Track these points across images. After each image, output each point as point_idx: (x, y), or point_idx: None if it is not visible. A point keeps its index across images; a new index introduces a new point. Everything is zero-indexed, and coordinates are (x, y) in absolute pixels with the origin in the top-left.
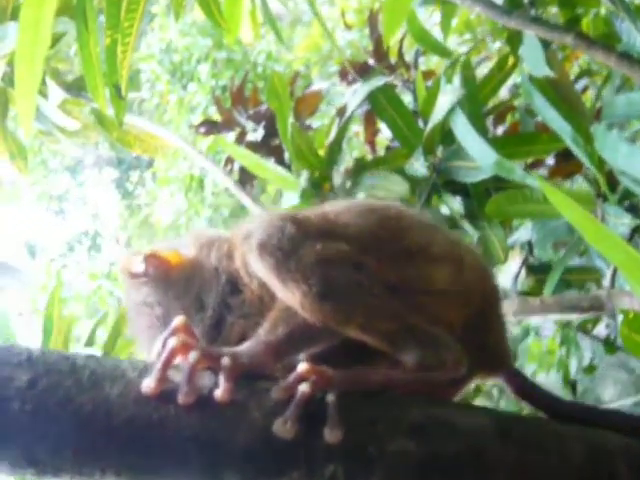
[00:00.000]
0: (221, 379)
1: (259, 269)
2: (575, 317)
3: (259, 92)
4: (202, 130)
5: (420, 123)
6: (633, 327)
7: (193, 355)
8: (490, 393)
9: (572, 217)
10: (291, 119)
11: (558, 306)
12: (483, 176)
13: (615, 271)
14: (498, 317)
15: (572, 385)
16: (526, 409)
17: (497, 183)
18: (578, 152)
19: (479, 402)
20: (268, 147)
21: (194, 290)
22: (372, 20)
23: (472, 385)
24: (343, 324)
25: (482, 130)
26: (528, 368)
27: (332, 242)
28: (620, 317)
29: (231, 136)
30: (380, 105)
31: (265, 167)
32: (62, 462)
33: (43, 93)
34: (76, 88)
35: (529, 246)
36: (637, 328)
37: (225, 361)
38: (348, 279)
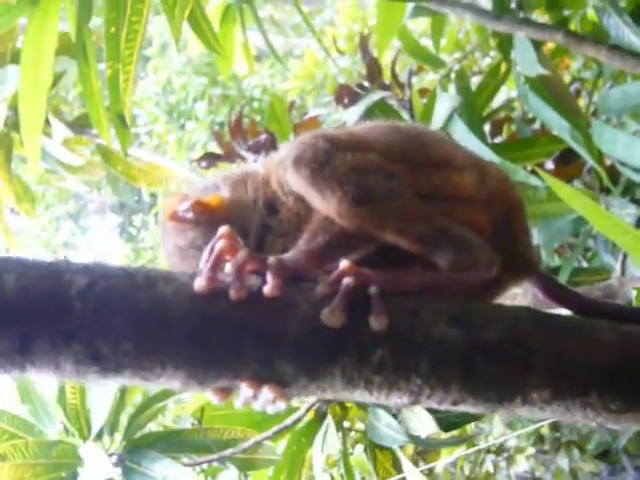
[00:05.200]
0: (269, 276)
1: (295, 183)
2: None
3: (257, 124)
4: (203, 164)
5: None
6: None
7: (241, 254)
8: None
9: (581, 208)
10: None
11: None
12: None
13: (624, 261)
14: (523, 223)
15: None
16: None
17: None
18: (577, 147)
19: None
20: None
21: (237, 225)
22: (363, 43)
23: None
24: (379, 228)
25: (481, 135)
26: None
27: (363, 153)
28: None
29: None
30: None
31: None
32: (123, 357)
33: (46, 132)
34: (78, 126)
35: None
36: None
37: (271, 260)
38: (381, 185)
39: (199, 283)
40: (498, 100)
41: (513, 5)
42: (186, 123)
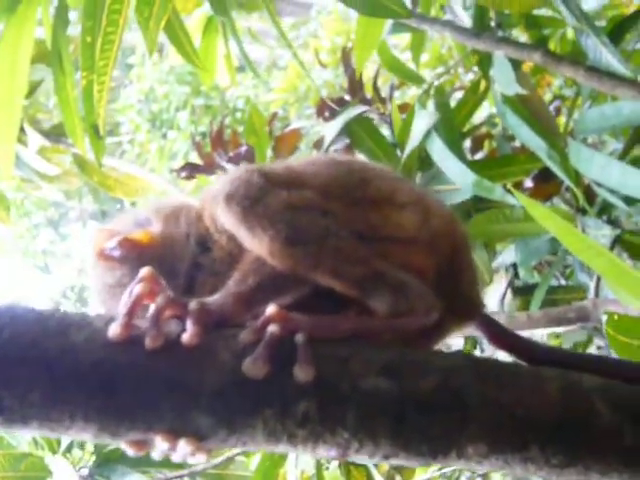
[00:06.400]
0: (189, 323)
1: (227, 220)
2: (563, 330)
3: (238, 135)
4: (183, 174)
5: (398, 153)
6: (618, 329)
7: (160, 299)
8: None
9: (554, 229)
10: (269, 154)
11: (545, 319)
12: (463, 197)
13: (598, 282)
14: (468, 263)
15: None
16: None
17: (477, 205)
18: (554, 167)
19: None
20: None
21: (168, 262)
22: (345, 57)
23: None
24: (312, 269)
25: (459, 153)
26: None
27: (298, 190)
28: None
29: (213, 179)
30: (358, 136)
31: None
32: (29, 408)
33: (22, 141)
34: (55, 135)
35: (514, 269)
36: (622, 329)
37: (192, 305)
38: (316, 224)
39: (114, 330)
40: (480, 116)
41: (493, 23)
42: (168, 132)
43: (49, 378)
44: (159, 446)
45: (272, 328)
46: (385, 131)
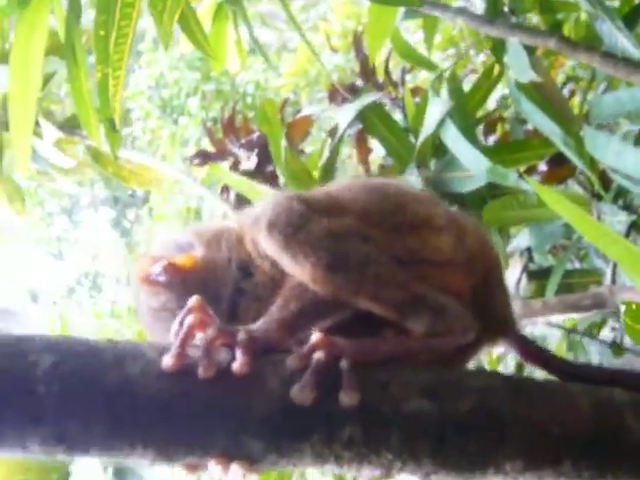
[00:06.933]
0: (238, 353)
1: (269, 247)
2: (578, 316)
3: (249, 121)
4: (196, 161)
5: (411, 139)
6: (636, 318)
7: (210, 330)
8: None
9: (569, 216)
10: (283, 142)
11: (561, 306)
12: (477, 184)
13: (615, 268)
14: (501, 283)
15: None
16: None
17: (492, 191)
18: (569, 154)
19: None
20: (262, 174)
21: (211, 287)
22: (357, 41)
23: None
24: (353, 295)
25: (473, 139)
26: (536, 377)
27: (338, 217)
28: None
29: (225, 166)
30: (371, 123)
31: (261, 193)
32: (91, 438)
33: (37, 133)
34: (69, 127)
35: (528, 253)
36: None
37: (241, 335)
38: (356, 250)
39: (167, 361)
40: (493, 97)
41: (506, 9)
42: (179, 118)
43: (108, 411)
44: (212, 469)
45: (318, 355)
46: (397, 115)
